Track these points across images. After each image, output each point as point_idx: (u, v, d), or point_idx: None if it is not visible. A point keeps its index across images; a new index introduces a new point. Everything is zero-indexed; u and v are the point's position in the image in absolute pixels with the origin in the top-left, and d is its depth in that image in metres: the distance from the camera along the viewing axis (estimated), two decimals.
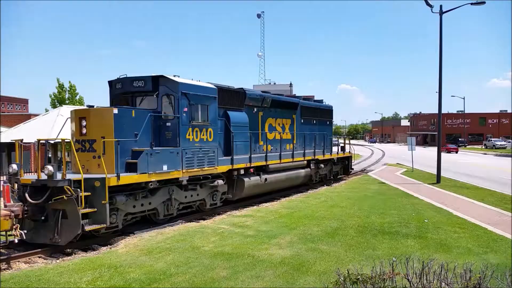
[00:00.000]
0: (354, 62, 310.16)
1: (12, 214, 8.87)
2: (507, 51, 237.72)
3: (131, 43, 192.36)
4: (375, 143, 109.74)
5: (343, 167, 24.33)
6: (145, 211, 11.38)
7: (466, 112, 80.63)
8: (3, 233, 8.92)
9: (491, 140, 70.08)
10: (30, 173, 19.61)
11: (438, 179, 21.87)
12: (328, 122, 22.57)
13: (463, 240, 9.74)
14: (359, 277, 4.19)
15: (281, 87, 73.61)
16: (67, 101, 33.05)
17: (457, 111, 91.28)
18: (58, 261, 8.79)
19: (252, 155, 15.03)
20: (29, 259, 8.99)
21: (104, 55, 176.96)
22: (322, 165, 21.02)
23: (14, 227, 8.83)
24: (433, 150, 29.55)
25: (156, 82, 11.99)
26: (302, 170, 18.86)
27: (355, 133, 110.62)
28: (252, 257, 8.49)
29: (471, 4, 21.49)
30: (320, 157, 20.61)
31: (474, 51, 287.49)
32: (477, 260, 7.91)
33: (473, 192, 17.98)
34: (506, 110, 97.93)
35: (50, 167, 9.29)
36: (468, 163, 37.58)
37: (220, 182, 13.73)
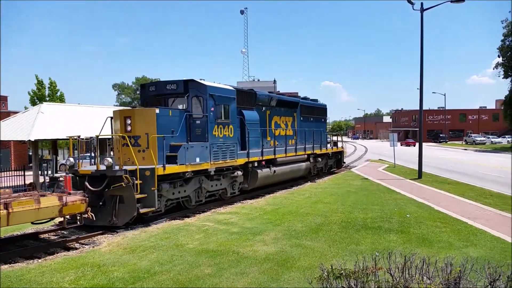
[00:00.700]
0: (337, 59, 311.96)
1: (86, 198, 10.07)
2: (486, 48, 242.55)
3: (113, 40, 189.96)
4: (358, 139, 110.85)
5: (336, 160, 26.39)
6: (180, 198, 12.95)
7: (447, 108, 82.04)
8: (78, 214, 10.01)
9: (471, 136, 71.45)
10: (9, 171, 19.27)
11: (419, 174, 22.21)
12: (323, 120, 24.56)
13: (444, 235, 9.91)
14: (342, 272, 4.23)
15: (265, 84, 73.66)
16: (47, 98, 32.51)
17: (438, 108, 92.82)
18: (39, 260, 8.68)
19: (263, 150, 16.80)
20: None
21: (87, 51, 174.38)
22: (319, 159, 22.88)
23: (86, 209, 10.02)
24: (415, 146, 30.15)
25: (187, 85, 13.62)
26: (303, 163, 20.70)
27: (338, 129, 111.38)
28: (237, 254, 8.50)
29: (451, 1, 21.82)
30: (318, 151, 22.54)
31: (454, 48, 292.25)
32: (457, 254, 8.07)
33: (454, 187, 18.30)
34: (486, 107, 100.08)
35: (109, 159, 10.99)
36: (449, 158, 38.24)
37: (239, 173, 15.44)
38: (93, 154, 14.01)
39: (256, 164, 16.42)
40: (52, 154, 24.18)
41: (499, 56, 53.01)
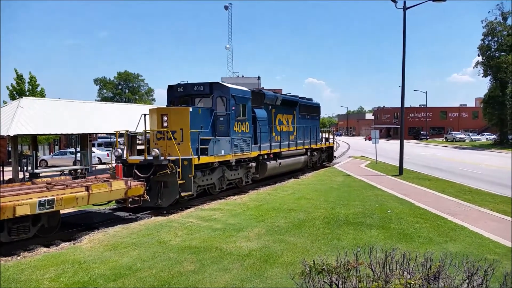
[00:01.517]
0: (321, 56, 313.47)
1: (145, 183, 11.90)
2: (467, 47, 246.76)
3: (95, 34, 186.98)
4: (340, 136, 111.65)
5: (328, 155, 28.71)
6: (206, 185, 14.69)
7: (428, 106, 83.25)
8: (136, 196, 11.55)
9: (452, 133, 72.77)
10: None
11: (400, 171, 22.52)
12: (317, 117, 26.86)
13: (424, 230, 10.07)
14: (324, 267, 4.26)
15: (249, 80, 73.61)
16: (27, 93, 31.87)
17: (420, 105, 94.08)
18: (18, 258, 8.51)
19: (271, 144, 18.84)
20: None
21: (68, 45, 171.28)
22: (315, 153, 25.35)
23: (144, 193, 11.69)
24: (396, 143, 30.57)
25: (212, 87, 15.45)
26: (302, 157, 22.85)
27: (321, 126, 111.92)
28: (220, 250, 8.49)
29: (433, 0, 22.10)
30: (314, 146, 24.96)
31: (436, 47, 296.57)
32: (437, 249, 8.21)
33: (434, 184, 18.61)
34: (466, 104, 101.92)
35: (156, 150, 12.72)
36: (430, 155, 38.86)
37: (253, 164, 17.37)
38: (72, 150, 15.02)
39: (265, 157, 18.39)
40: (32, 149, 23.76)
41: (479, 55, 54.10)
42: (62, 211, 10.39)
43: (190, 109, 13.82)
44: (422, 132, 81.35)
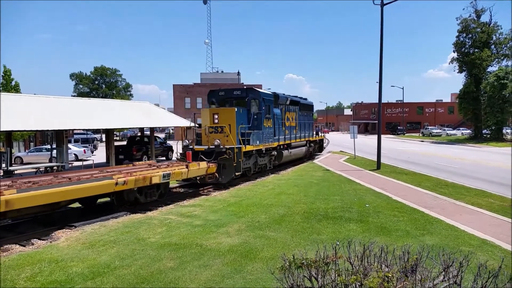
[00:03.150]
0: (301, 52, 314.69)
1: (217, 164, 16.33)
2: (442, 43, 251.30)
3: (71, 28, 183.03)
4: (319, 131, 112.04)
5: (319, 146, 33.05)
6: (245, 168, 18.36)
7: (404, 101, 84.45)
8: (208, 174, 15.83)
9: (428, 128, 74.03)
10: None
11: (378, 165, 22.84)
12: (311, 114, 31.19)
13: (401, 223, 10.25)
14: (303, 261, 4.28)
15: (229, 75, 73.28)
16: (0, 88, 30.98)
17: (397, 101, 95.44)
18: None
19: (285, 136, 23.03)
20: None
21: (44, 39, 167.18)
22: (312, 144, 29.83)
23: (216, 171, 16.19)
24: (374, 138, 31.04)
25: (247, 92, 19.82)
26: (304, 147, 27.23)
27: None
28: (200, 247, 8.46)
29: None
30: (311, 138, 29.79)
31: (413, 43, 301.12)
32: (414, 242, 8.38)
33: (411, 178, 18.94)
34: (442, 100, 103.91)
35: (218, 141, 16.92)
36: (407, 150, 39.51)
37: (275, 153, 21.74)
38: (48, 146, 15.52)
39: (281, 147, 22.47)
40: (6, 146, 23.12)
41: (454, 52, 55.06)
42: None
43: (236, 109, 17.90)
44: (399, 127, 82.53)
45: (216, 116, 17.90)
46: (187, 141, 18.08)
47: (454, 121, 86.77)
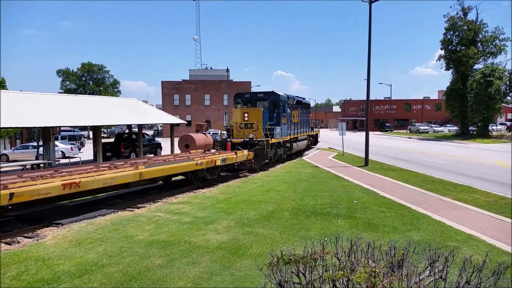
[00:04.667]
0: (289, 49, 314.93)
1: (254, 152, 20.27)
2: (430, 41, 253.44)
3: (58, 24, 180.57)
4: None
5: (314, 140, 37.68)
6: (269, 156, 21.87)
7: (392, 98, 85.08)
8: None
9: (415, 125, 74.78)
10: None
11: (366, 162, 23.01)
12: (309, 112, 35.62)
13: (389, 219, 10.34)
14: (291, 257, 4.30)
15: (218, 72, 73.06)
16: None
17: (384, 98, 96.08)
18: None
19: (293, 131, 26.97)
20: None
21: (29, 35, 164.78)
22: (311, 138, 34.88)
23: (253, 158, 20.19)
24: (362, 134, 31.31)
25: (268, 94, 23.73)
26: (305, 141, 31.63)
27: None
28: (189, 244, 8.44)
29: None
30: (311, 133, 34.96)
31: (400, 40, 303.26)
32: (401, 237, 8.46)
33: (398, 174, 19.11)
34: (429, 97, 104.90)
35: (252, 134, 21.27)
36: (394, 146, 39.84)
37: (288, 145, 25.79)
38: (35, 144, 15.27)
39: (292, 140, 26.45)
40: None
41: (441, 49, 55.65)
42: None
43: (262, 109, 22.26)
44: (387, 124, 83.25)
45: (246, 115, 22.14)
46: (224, 133, 23.68)
47: (441, 118, 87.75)
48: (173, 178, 17.16)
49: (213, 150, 20.52)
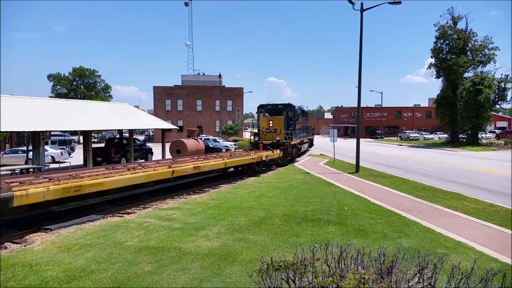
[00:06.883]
0: (282, 56, 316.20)
1: (283, 151, 26.15)
2: (420, 49, 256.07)
3: (49, 28, 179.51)
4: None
5: (310, 143, 42.17)
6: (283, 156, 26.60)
7: (383, 106, 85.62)
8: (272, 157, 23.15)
9: (406, 132, 75.26)
10: None
11: (357, 168, 23.09)
12: (307, 119, 41.58)
13: (379, 226, 10.38)
14: (281, 264, 4.30)
15: (211, 78, 73.08)
16: None
17: (375, 105, 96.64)
18: None
19: (299, 135, 31.40)
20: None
21: (20, 39, 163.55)
22: (309, 142, 40.07)
23: (281, 156, 25.97)
24: (353, 141, 31.63)
25: (287, 105, 29.29)
26: (306, 144, 37.18)
27: None
28: (179, 250, 8.38)
29: (389, 3, 22.78)
30: (310, 137, 40.86)
31: (391, 48, 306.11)
32: (391, 244, 8.49)
33: (389, 181, 19.20)
34: (419, 104, 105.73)
35: (278, 137, 26.72)
36: (385, 154, 40.06)
37: (299, 146, 31.10)
38: (24, 148, 15.25)
39: (299, 143, 31.44)
40: None
41: (432, 57, 56.17)
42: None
43: (283, 118, 27.65)
44: (377, 131, 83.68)
45: (271, 122, 27.34)
46: (253, 137, 28.79)
47: (431, 126, 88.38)
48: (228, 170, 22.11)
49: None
